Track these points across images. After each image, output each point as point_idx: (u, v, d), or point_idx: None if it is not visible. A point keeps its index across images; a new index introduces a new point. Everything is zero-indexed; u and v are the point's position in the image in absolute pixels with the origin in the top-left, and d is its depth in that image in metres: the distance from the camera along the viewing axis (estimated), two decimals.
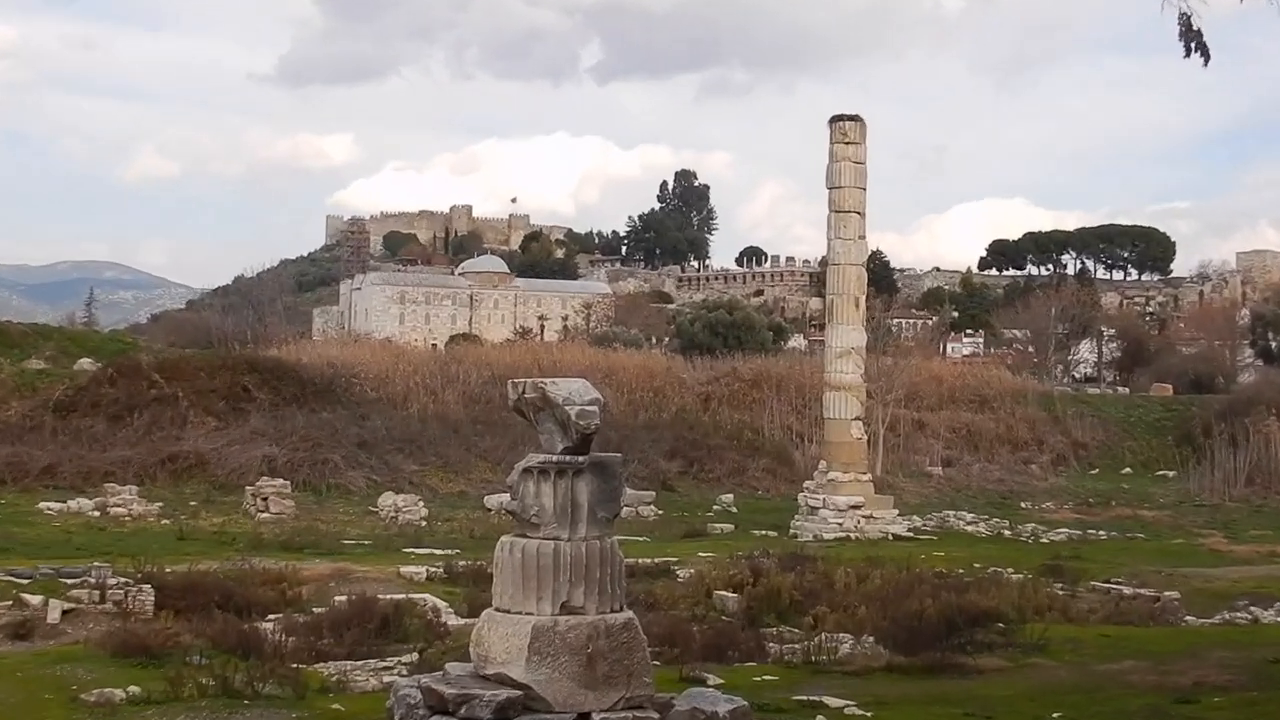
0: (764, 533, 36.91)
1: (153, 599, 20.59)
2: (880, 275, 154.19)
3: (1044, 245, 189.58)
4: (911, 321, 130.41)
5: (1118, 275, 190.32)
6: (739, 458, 51.69)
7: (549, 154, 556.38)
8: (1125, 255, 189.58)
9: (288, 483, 39.18)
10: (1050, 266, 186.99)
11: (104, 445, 43.93)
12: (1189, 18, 10.94)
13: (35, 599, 20.39)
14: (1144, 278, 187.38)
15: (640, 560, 25.70)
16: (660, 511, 40.95)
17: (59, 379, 49.81)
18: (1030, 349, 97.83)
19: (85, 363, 53.42)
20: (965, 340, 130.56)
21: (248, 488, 38.46)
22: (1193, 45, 11.12)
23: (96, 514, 35.14)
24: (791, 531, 37.47)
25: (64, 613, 20.01)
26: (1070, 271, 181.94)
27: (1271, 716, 14.07)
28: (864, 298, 40.27)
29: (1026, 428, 60.93)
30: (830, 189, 39.34)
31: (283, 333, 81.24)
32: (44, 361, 54.67)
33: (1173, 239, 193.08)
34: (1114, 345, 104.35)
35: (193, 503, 38.64)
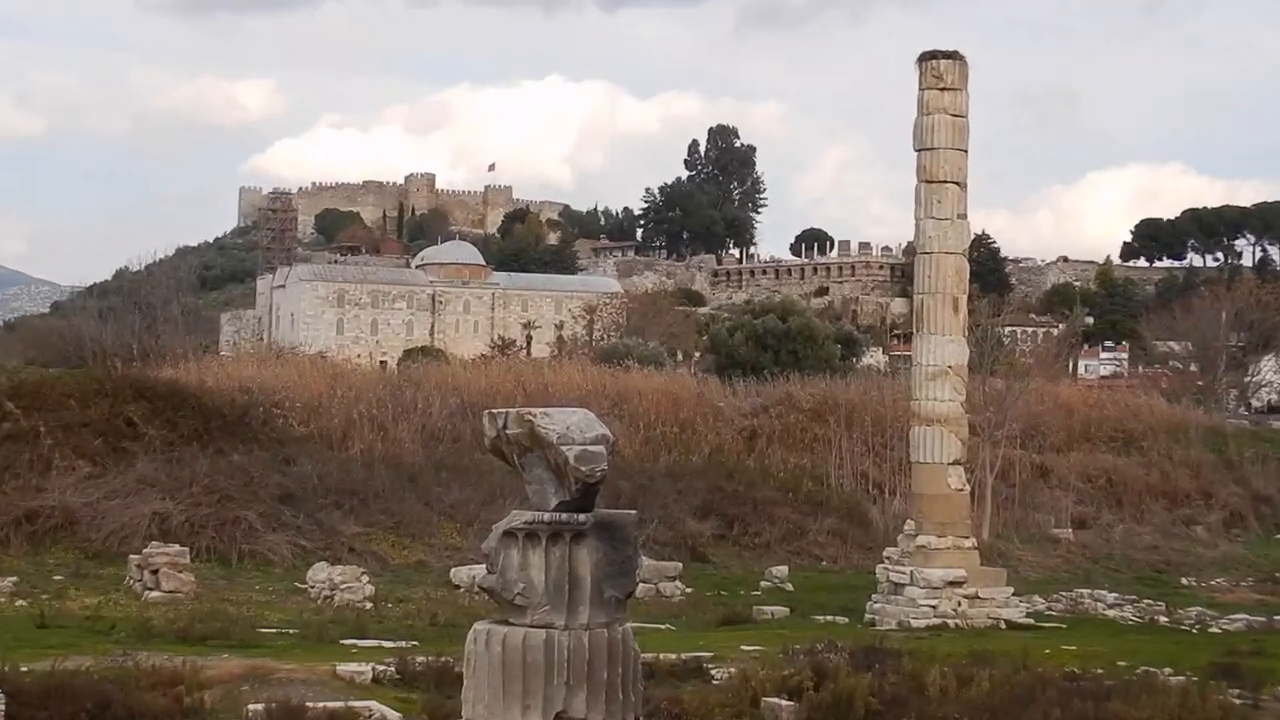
0: (830, 618, 36.83)
1: (2, 708, 20.62)
2: (988, 268, 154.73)
3: (1210, 226, 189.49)
4: (1030, 330, 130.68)
5: None
6: (796, 516, 51.65)
7: (539, 105, 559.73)
8: None
9: (186, 550, 39.02)
10: (1219, 255, 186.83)
11: None
12: None
13: None
14: None
15: (663, 656, 25.66)
16: (689, 589, 40.88)
17: None
18: (1193, 368, 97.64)
19: None
20: (1104, 356, 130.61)
21: (132, 557, 38.40)
22: None
23: None
24: (868, 617, 37.36)
25: None
26: (1247, 262, 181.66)
27: None
28: (965, 298, 40.09)
29: (1188, 476, 60.79)
30: (919, 151, 39.22)
31: (181, 346, 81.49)
32: None
33: None
34: None
35: (58, 577, 38.62)
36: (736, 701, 23.18)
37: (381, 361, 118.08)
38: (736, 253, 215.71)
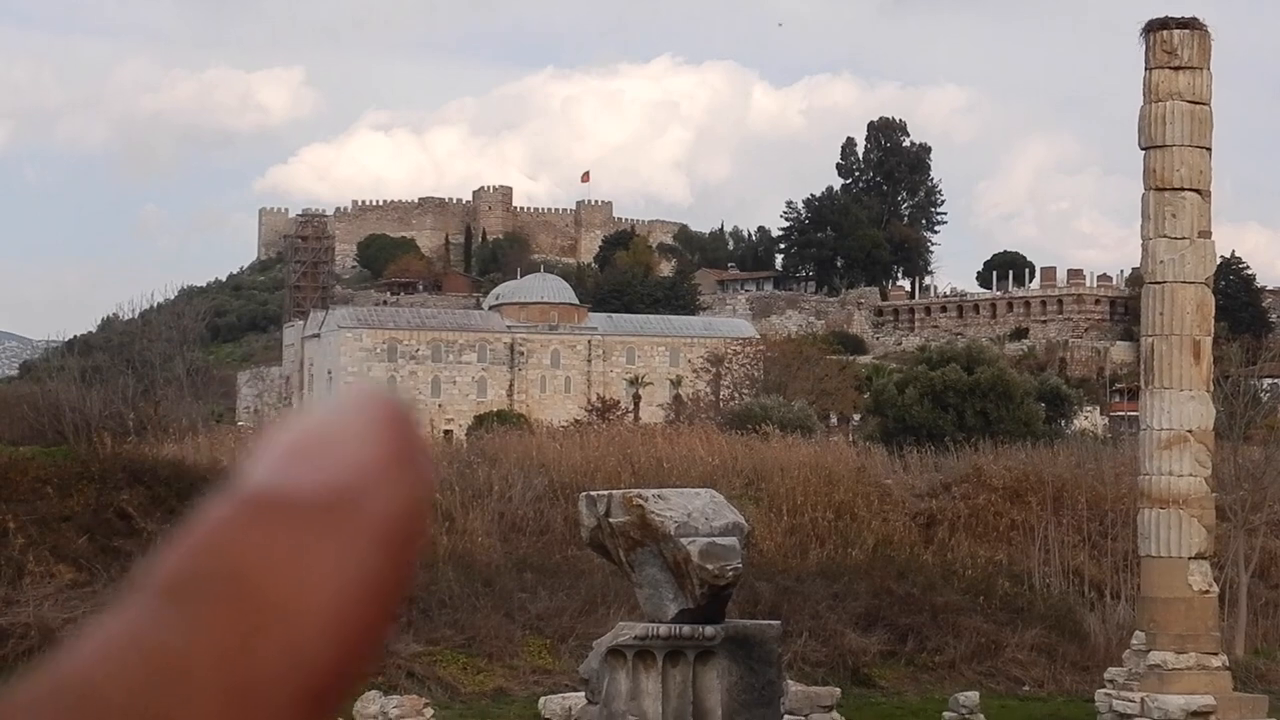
0: None
1: None
2: (1239, 301, 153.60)
3: None
4: None
5: None
6: (989, 627, 51.48)
7: (643, 95, 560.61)
8: None
9: None
10: None
11: None
12: None
13: None
14: None
15: None
16: None
17: None
18: None
19: None
20: None
21: None
22: None
23: None
24: None
25: None
26: None
27: None
28: (1210, 341, 39.81)
29: None
30: (1146, 150, 39.01)
31: (187, 415, 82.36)
32: None
33: None
34: None
35: None
36: None
37: (446, 431, 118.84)
38: (907, 284, 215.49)
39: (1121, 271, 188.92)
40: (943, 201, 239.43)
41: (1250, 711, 38.24)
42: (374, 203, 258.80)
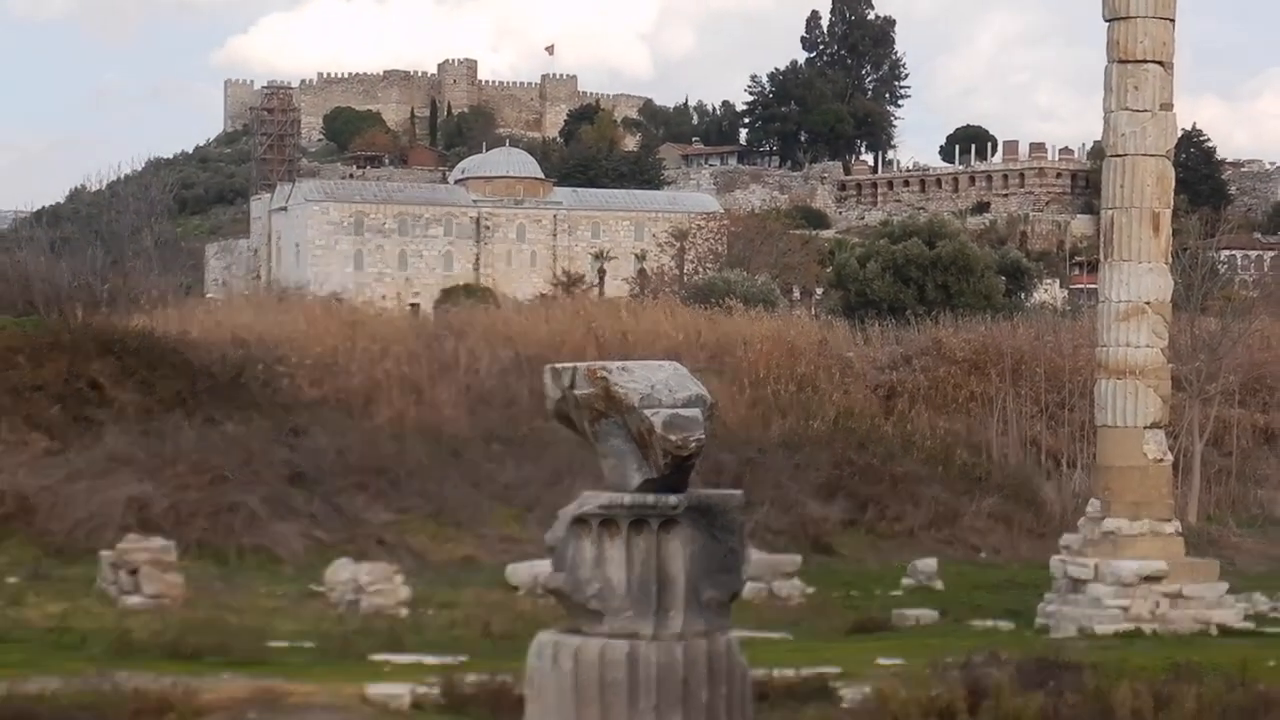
0: (991, 624, 36.97)
1: None
2: (1199, 173, 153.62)
3: None
4: (1255, 255, 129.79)
5: None
6: (947, 496, 51.76)
7: None
8: None
9: (172, 544, 39.13)
10: None
11: None
12: None
13: None
14: None
15: (778, 672, 25.84)
16: (812, 589, 41.00)
17: None
18: None
19: None
20: None
21: (105, 553, 38.76)
22: None
23: None
24: (1039, 621, 37.50)
25: None
26: None
27: None
28: (1170, 214, 39.83)
29: None
30: (1110, 22, 38.90)
31: (156, 286, 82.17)
32: None
33: None
34: None
35: (12, 579, 39.09)
36: None
37: (413, 304, 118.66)
38: (870, 159, 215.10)
39: (1083, 145, 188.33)
40: (906, 75, 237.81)
41: (1201, 576, 38.55)
42: (339, 75, 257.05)
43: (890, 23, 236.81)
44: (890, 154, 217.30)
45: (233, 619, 34.85)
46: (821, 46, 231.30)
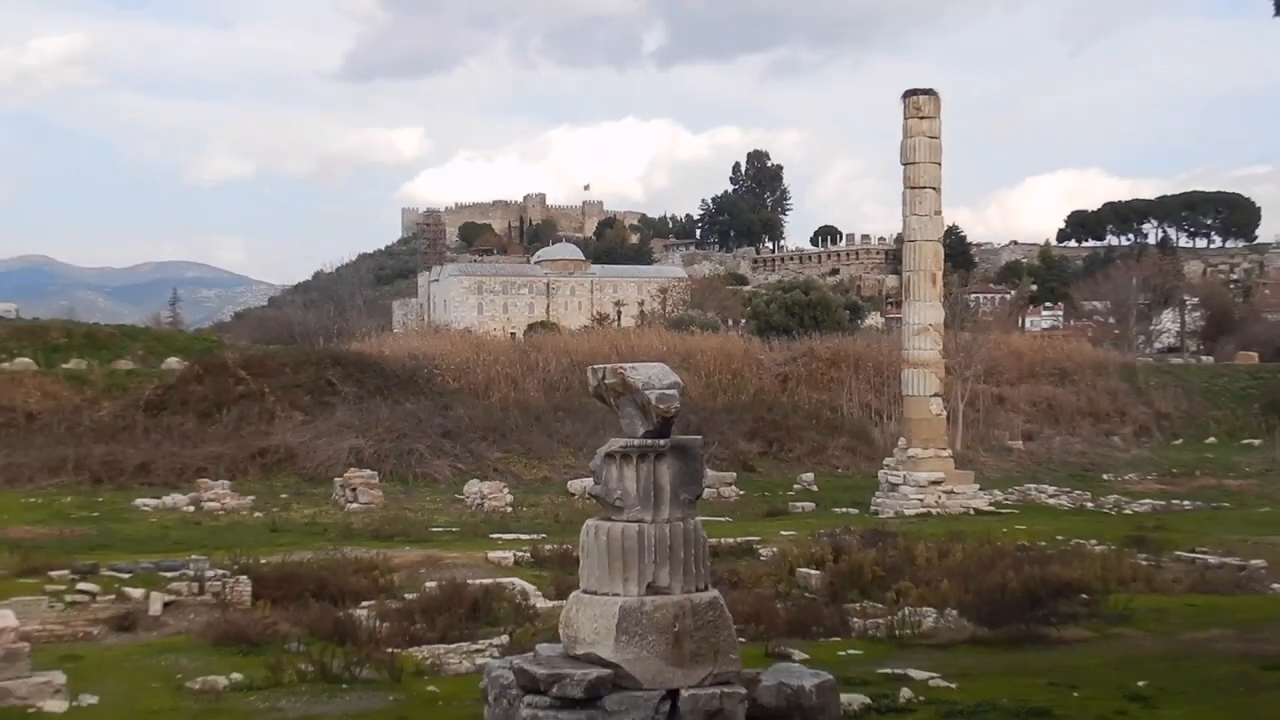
0: (845, 510, 36.89)
1: (250, 589, 20.99)
2: (956, 250, 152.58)
3: (1124, 215, 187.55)
4: (989, 296, 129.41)
5: (1201, 243, 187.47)
6: (818, 437, 51.65)
7: (618, 139, 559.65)
8: (1208, 222, 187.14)
9: (375, 473, 39.36)
10: (1131, 236, 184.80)
11: (194, 442, 44.70)
12: None
13: (136, 592, 20.80)
14: (1228, 245, 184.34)
15: (723, 540, 25.81)
16: (741, 492, 40.98)
17: (148, 378, 50.68)
18: (1111, 321, 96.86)
19: (173, 362, 54.35)
20: (1044, 314, 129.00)
21: (336, 479, 38.88)
22: None
23: (191, 509, 35.70)
24: (872, 509, 37.43)
25: (165, 605, 20.42)
26: (1152, 241, 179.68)
27: None
28: (941, 274, 39.79)
29: (1108, 400, 60.41)
30: (905, 165, 38.91)
31: (364, 326, 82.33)
32: (133, 362, 55.65)
33: (1257, 205, 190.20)
34: (1197, 314, 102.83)
35: (283, 495, 39.19)
36: (778, 572, 23.36)
37: (511, 333, 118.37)
38: (771, 245, 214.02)
39: (891, 234, 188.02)
40: (790, 198, 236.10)
41: (963, 480, 38.52)
42: (467, 203, 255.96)
43: (779, 168, 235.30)
44: (782, 242, 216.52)
45: (410, 515, 34.83)
46: (741, 182, 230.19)
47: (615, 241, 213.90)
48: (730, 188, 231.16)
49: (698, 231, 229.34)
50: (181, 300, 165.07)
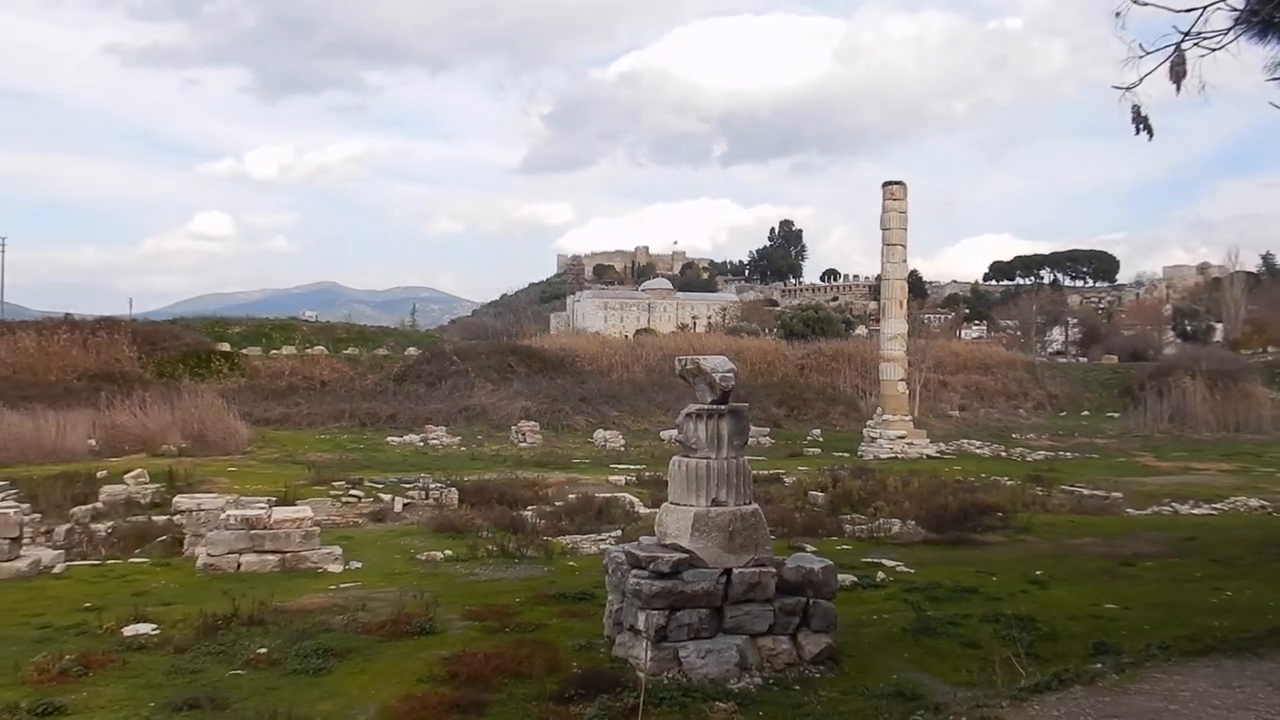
0: (841, 454, 36.43)
1: (457, 497, 21.26)
2: (916, 286, 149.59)
3: (1028, 264, 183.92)
4: (937, 315, 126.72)
5: (1079, 283, 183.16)
6: (824, 406, 51.14)
7: (695, 212, 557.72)
8: (1084, 270, 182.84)
9: (537, 424, 39.77)
10: (1032, 278, 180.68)
11: (424, 401, 45.30)
12: (1139, 108, 10.59)
13: (386, 497, 21.20)
14: (1097, 285, 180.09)
15: (760, 471, 25.55)
16: (773, 441, 40.56)
17: (396, 360, 51.53)
18: (1019, 333, 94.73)
19: (412, 350, 55.18)
20: (974, 328, 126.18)
21: (513, 427, 39.20)
22: (1140, 126, 10.70)
23: (420, 444, 36.13)
24: (859, 453, 36.92)
25: (404, 505, 20.76)
26: (1046, 281, 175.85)
27: (1185, 574, 13.58)
28: (905, 301, 39.33)
29: (1016, 385, 59.04)
30: (883, 230, 38.46)
31: (532, 330, 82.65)
32: (387, 350, 56.65)
33: (1116, 258, 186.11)
34: (1076, 330, 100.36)
35: (479, 436, 39.50)
36: (796, 493, 23.10)
37: (625, 335, 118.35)
38: (794, 280, 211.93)
39: (874, 275, 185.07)
40: (807, 250, 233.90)
41: (919, 436, 37.79)
42: (598, 251, 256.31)
43: (800, 230, 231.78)
44: (802, 279, 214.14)
45: (559, 451, 34.83)
46: (775, 239, 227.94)
47: (693, 277, 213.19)
48: (768, 243, 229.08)
49: (746, 271, 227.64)
50: (418, 311, 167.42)
